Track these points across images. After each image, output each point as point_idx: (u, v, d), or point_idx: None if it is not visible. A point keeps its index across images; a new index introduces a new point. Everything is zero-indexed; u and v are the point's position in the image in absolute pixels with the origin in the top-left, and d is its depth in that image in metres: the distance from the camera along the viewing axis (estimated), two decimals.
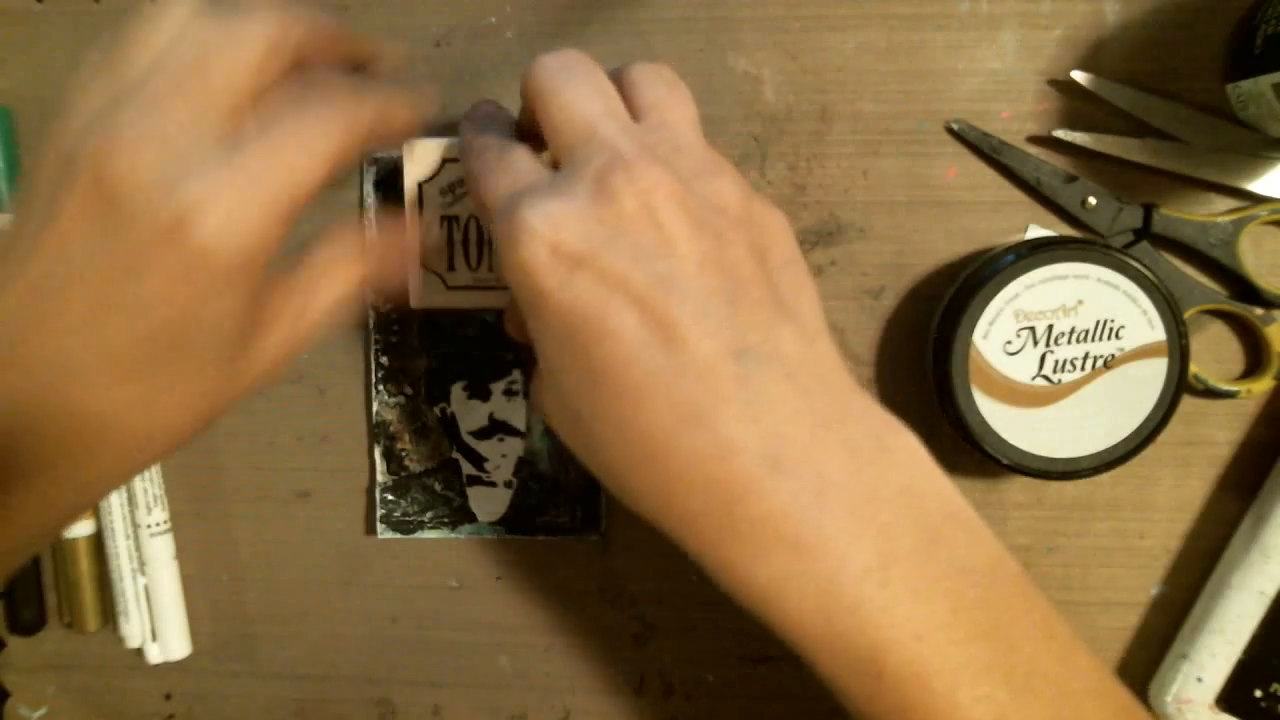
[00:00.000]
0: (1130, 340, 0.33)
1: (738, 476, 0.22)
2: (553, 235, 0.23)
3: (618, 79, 0.27)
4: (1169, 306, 0.32)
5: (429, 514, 0.39)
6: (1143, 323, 0.33)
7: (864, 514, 0.22)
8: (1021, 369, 0.33)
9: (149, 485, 0.39)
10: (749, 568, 0.22)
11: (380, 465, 0.39)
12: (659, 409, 0.22)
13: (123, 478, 0.27)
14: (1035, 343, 0.33)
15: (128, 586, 0.40)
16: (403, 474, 0.39)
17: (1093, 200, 0.35)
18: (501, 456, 0.39)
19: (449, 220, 0.35)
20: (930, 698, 0.21)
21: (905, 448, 0.24)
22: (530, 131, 0.29)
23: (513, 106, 0.37)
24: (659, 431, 0.22)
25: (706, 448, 0.22)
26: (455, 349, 0.38)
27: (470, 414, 0.38)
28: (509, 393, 0.38)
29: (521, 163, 0.26)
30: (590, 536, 0.39)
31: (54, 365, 0.24)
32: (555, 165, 0.26)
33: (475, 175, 0.27)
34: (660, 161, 0.24)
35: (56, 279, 0.24)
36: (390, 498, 0.39)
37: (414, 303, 0.36)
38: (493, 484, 0.39)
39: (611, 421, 0.23)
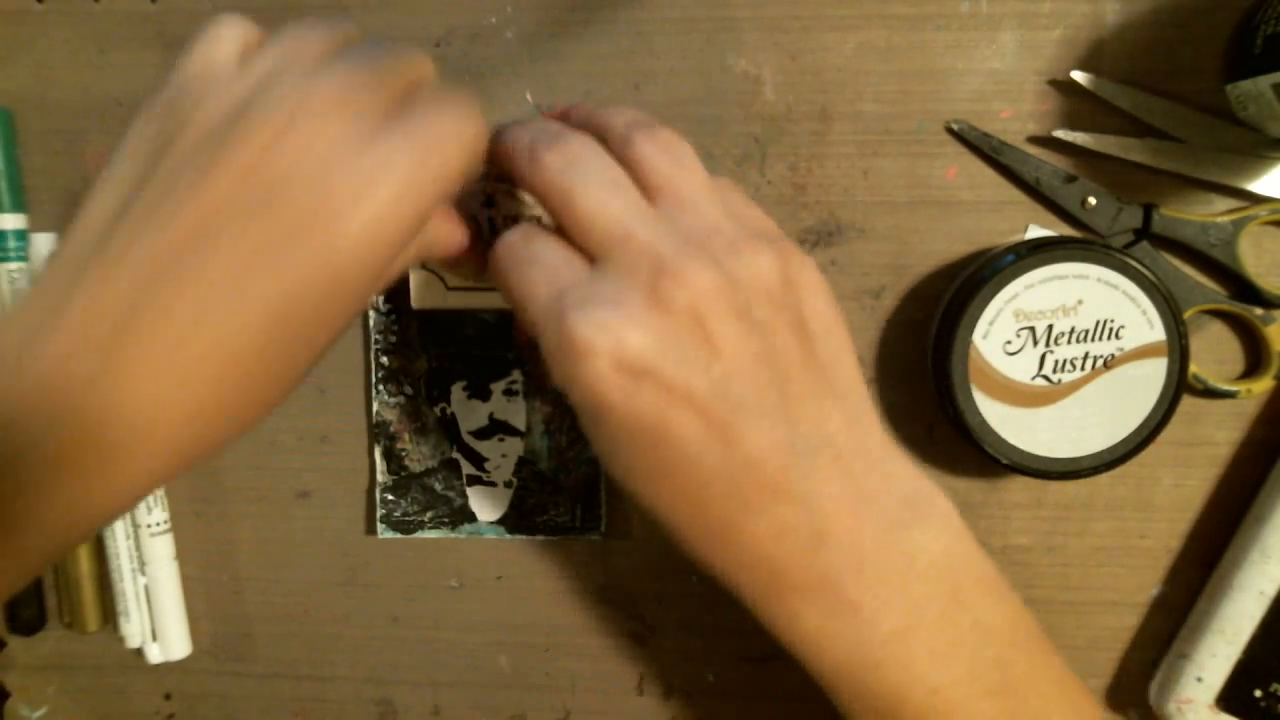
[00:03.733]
0: (1130, 340, 0.33)
1: (790, 552, 0.25)
2: (615, 350, 0.23)
3: (618, 150, 0.27)
4: (1169, 306, 0.32)
5: (429, 514, 0.39)
6: (1142, 323, 0.33)
7: (895, 584, 0.25)
8: (1021, 369, 0.33)
9: None
10: (793, 622, 0.25)
11: (380, 465, 0.39)
12: (722, 500, 0.24)
13: (156, 482, 0.24)
14: (1035, 343, 0.33)
15: (128, 586, 0.40)
16: (403, 474, 0.39)
17: (1093, 200, 0.35)
18: (501, 456, 0.39)
19: None
20: None
21: (940, 515, 0.26)
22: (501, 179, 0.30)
23: (509, 106, 0.37)
24: (722, 518, 0.25)
25: (763, 531, 0.25)
26: (455, 349, 0.38)
27: (470, 414, 0.38)
28: (509, 393, 0.38)
29: (553, 255, 0.26)
30: (590, 536, 0.39)
31: (169, 339, 0.22)
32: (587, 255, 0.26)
33: (501, 266, 0.27)
34: (700, 257, 0.24)
35: (199, 244, 0.22)
36: (390, 498, 0.39)
37: (414, 303, 0.36)
38: (493, 484, 0.39)
39: (679, 511, 0.25)
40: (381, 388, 0.39)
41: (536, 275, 0.25)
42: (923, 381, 0.36)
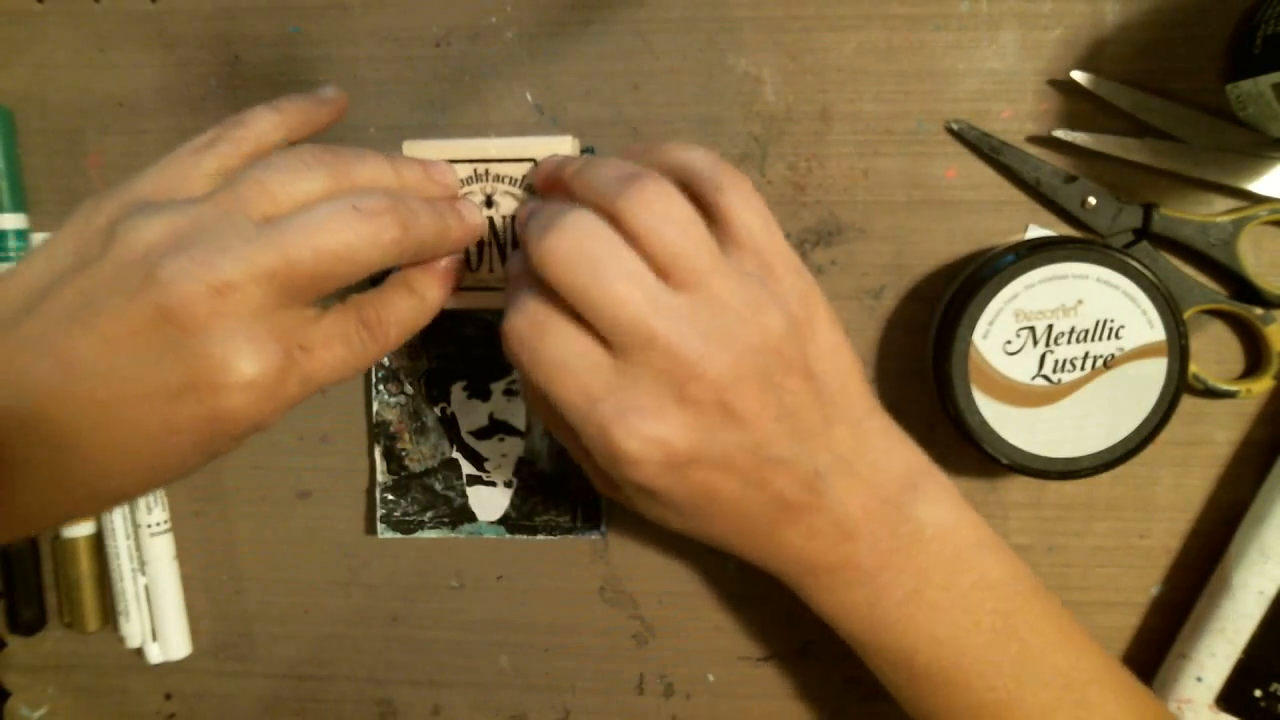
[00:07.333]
0: (1130, 340, 0.33)
1: (819, 548, 0.30)
2: (661, 456, 0.26)
3: (610, 213, 0.27)
4: (1169, 306, 0.32)
5: (429, 514, 0.39)
6: (1142, 323, 0.33)
7: (904, 558, 0.30)
8: (1021, 369, 0.33)
9: None
10: (823, 595, 0.31)
11: (380, 465, 0.39)
12: (762, 523, 0.29)
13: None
14: (1035, 342, 0.33)
15: (128, 586, 0.40)
16: (403, 474, 0.39)
17: (1093, 200, 0.35)
18: (502, 456, 0.39)
19: None
20: (951, 687, 0.30)
21: (938, 490, 0.31)
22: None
23: (509, 106, 0.37)
24: (763, 534, 0.30)
25: (797, 536, 0.29)
26: (455, 349, 0.38)
27: (470, 414, 0.38)
28: (509, 393, 0.38)
29: (572, 354, 0.27)
30: (590, 536, 0.39)
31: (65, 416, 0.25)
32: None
33: (516, 358, 0.28)
34: (719, 347, 0.26)
35: (95, 371, 0.25)
36: (390, 498, 0.39)
37: None
38: (493, 484, 0.39)
39: (726, 536, 0.30)
40: (381, 387, 0.39)
41: (561, 377, 0.27)
42: (923, 381, 0.36)
